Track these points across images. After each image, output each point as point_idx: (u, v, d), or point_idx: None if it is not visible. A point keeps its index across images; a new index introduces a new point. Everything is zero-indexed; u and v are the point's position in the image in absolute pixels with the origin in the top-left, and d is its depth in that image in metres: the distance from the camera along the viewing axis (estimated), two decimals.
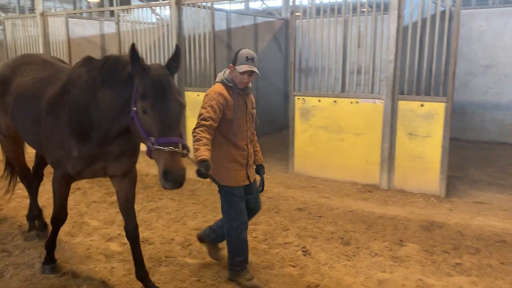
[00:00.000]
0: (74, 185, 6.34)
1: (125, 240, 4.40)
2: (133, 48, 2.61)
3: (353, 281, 3.68)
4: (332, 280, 3.70)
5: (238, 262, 3.64)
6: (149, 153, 2.67)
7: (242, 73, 3.40)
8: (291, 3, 6.98)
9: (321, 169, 6.64)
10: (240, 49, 3.48)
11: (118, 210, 5.24)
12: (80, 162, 3.27)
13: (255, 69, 3.39)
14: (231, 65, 3.47)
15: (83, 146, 3.19)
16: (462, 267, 3.90)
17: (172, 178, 2.51)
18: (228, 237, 3.66)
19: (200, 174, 3.05)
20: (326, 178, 6.58)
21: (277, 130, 10.41)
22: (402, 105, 5.95)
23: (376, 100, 6.09)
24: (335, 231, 4.71)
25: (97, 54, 10.41)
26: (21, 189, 5.56)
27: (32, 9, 17.28)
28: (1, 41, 10.79)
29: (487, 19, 8.94)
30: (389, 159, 6.06)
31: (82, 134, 3.16)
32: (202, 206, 5.50)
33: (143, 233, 4.64)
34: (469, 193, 6.03)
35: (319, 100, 6.51)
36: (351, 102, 6.28)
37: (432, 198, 5.77)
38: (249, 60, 3.37)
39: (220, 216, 3.84)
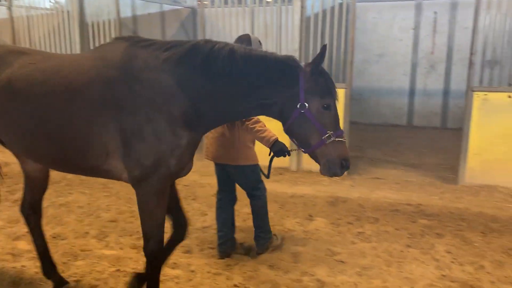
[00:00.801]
0: None
1: None
2: (324, 49, 2.60)
3: (270, 256, 3.92)
4: (249, 257, 3.91)
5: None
6: (320, 146, 2.63)
7: None
8: None
9: None
10: None
11: None
12: (189, 152, 2.74)
13: None
14: None
15: (192, 134, 2.70)
16: (364, 235, 4.34)
17: (347, 164, 2.66)
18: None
19: (282, 152, 3.52)
20: None
21: None
22: None
23: None
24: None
25: None
26: None
27: None
28: None
29: (380, 12, 9.79)
30: None
31: (192, 121, 2.68)
32: (115, 198, 5.38)
33: (54, 229, 4.46)
34: (368, 171, 6.65)
35: None
36: None
37: (335, 177, 6.26)
38: None
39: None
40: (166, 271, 3.57)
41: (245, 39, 3.68)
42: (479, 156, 5.78)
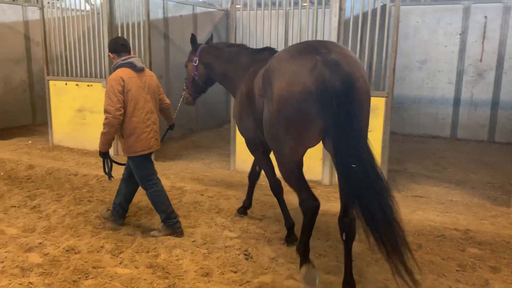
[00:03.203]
0: None
1: (47, 250, 3.97)
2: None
3: (298, 285, 3.50)
4: (275, 285, 3.50)
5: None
6: None
7: None
8: None
9: None
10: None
11: (40, 216, 4.79)
12: None
13: None
14: None
15: None
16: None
17: None
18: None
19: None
20: None
21: (219, 125, 10.11)
22: None
23: None
24: (279, 230, 4.52)
25: (19, 43, 9.54)
26: None
27: None
28: None
29: (423, 15, 9.18)
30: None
31: None
32: (135, 208, 5.09)
33: (68, 241, 4.20)
34: (407, 187, 6.10)
35: None
36: None
37: None
38: None
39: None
40: None
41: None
42: None
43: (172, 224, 4.32)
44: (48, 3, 7.71)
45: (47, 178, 6.23)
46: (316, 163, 6.09)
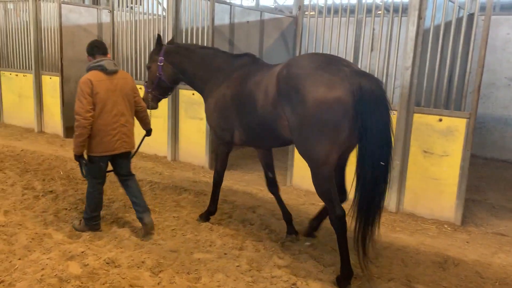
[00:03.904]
0: (47, 187, 5.77)
1: (88, 261, 3.82)
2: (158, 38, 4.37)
3: None
4: None
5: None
6: None
7: None
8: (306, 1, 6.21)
9: None
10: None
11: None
12: None
13: None
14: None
15: None
16: None
17: None
18: None
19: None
20: None
21: None
22: (418, 118, 5.25)
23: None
24: (334, 262, 4.04)
25: None
26: None
27: None
28: None
29: None
30: (399, 178, 5.38)
31: None
32: (183, 221, 4.85)
33: (110, 252, 4.03)
34: (487, 221, 5.33)
35: None
36: None
37: (446, 226, 5.08)
38: None
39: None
40: None
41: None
42: None
43: (91, 225, 4.48)
44: (119, 6, 7.80)
45: None
46: None
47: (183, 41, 7.11)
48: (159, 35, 5.09)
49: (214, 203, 4.79)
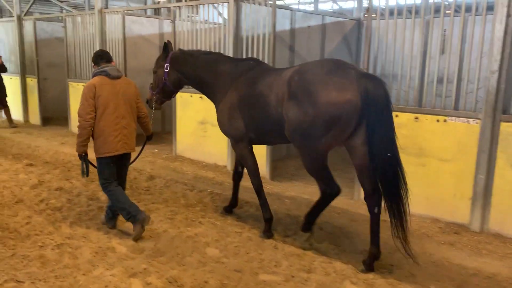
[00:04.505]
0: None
1: (150, 279, 3.68)
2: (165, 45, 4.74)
3: None
4: None
5: None
6: None
7: None
8: (365, 4, 5.83)
9: None
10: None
11: (151, 235, 4.56)
12: None
13: None
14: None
15: None
16: None
17: None
18: None
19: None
20: None
21: None
22: (505, 127, 4.69)
23: (471, 120, 4.88)
24: None
25: (154, 55, 9.99)
26: None
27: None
28: (63, 38, 10.65)
29: None
30: (484, 193, 4.82)
31: None
32: (246, 238, 4.62)
33: (173, 270, 3.87)
34: None
35: (397, 116, 5.36)
36: (438, 120, 5.10)
37: None
38: None
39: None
40: None
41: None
42: None
43: (137, 221, 4.46)
44: (180, 16, 7.80)
45: (164, 191, 6.16)
46: (462, 203, 4.98)
47: (244, 49, 6.94)
48: (165, 43, 5.23)
49: (266, 210, 4.73)
